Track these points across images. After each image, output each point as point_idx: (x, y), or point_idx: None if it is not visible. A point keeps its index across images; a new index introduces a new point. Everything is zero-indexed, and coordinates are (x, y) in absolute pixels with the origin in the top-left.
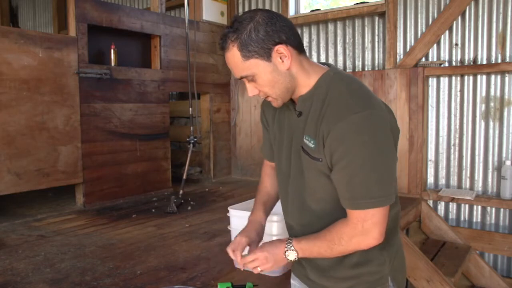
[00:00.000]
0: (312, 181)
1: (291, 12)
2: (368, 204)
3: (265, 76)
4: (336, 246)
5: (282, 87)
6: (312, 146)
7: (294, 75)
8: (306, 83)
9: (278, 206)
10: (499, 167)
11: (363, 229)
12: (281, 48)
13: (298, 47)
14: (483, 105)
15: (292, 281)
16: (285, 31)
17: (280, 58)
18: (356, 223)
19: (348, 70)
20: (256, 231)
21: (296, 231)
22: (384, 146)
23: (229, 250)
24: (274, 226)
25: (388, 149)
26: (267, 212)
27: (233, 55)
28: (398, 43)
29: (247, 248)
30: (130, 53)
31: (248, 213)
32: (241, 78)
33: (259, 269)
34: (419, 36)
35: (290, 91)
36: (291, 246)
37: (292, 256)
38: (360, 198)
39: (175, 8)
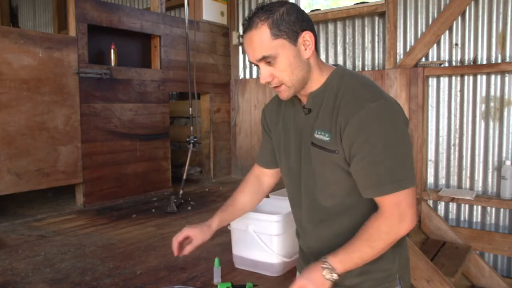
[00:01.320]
0: (324, 176)
1: None
2: (394, 187)
3: (287, 60)
4: (377, 242)
5: (299, 75)
6: (327, 139)
7: (311, 67)
8: (318, 78)
9: (279, 206)
10: (499, 167)
11: (399, 213)
12: (307, 35)
13: (316, 43)
14: (483, 105)
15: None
16: (310, 24)
17: (304, 45)
18: (392, 209)
19: None
20: (201, 230)
21: (311, 230)
22: (402, 133)
23: (174, 239)
24: (274, 226)
25: (405, 136)
26: (223, 219)
27: (261, 33)
28: (398, 43)
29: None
30: (130, 53)
31: (247, 213)
32: (261, 60)
33: None
34: (419, 36)
35: (304, 81)
36: (327, 265)
37: (329, 274)
38: (386, 183)
39: (175, 8)
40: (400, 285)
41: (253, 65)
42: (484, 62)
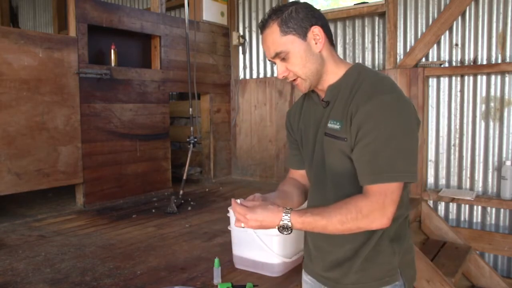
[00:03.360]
0: (331, 165)
1: None
2: (392, 177)
3: (298, 54)
4: (350, 221)
5: (312, 67)
6: (338, 127)
7: (325, 59)
8: (334, 71)
9: None
10: (499, 167)
11: (383, 204)
12: (316, 29)
13: (330, 38)
14: (483, 105)
15: (304, 277)
16: (321, 19)
17: (314, 39)
18: (378, 197)
19: None
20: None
21: None
22: (410, 128)
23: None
24: None
25: (413, 132)
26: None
27: (272, 31)
28: (398, 43)
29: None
30: (130, 53)
31: None
32: (275, 56)
33: (242, 224)
34: (419, 36)
35: (319, 73)
36: (287, 219)
37: (283, 226)
38: (385, 171)
39: (175, 9)
40: (402, 279)
41: (253, 65)
42: (484, 62)
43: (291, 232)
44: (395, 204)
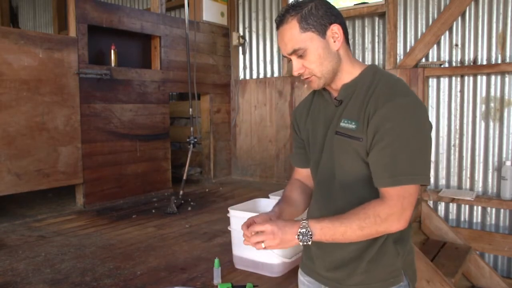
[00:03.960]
0: (342, 165)
1: None
2: (411, 180)
3: (316, 52)
4: (369, 225)
5: (329, 66)
6: (353, 127)
7: (341, 58)
8: (349, 70)
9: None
10: (499, 168)
11: (401, 207)
12: (335, 28)
13: (346, 36)
14: (483, 106)
15: (300, 278)
16: (340, 17)
17: (333, 37)
18: (396, 200)
19: None
20: (273, 216)
21: None
22: (426, 132)
23: (243, 225)
24: None
25: (428, 135)
26: (284, 214)
27: (291, 27)
28: (398, 44)
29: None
30: (130, 54)
31: (248, 214)
32: (292, 53)
33: (263, 245)
34: (419, 37)
35: (334, 72)
36: (306, 227)
37: (302, 236)
38: (404, 174)
39: (175, 9)
40: (406, 280)
41: (253, 65)
42: (484, 62)
43: (311, 239)
44: (412, 206)
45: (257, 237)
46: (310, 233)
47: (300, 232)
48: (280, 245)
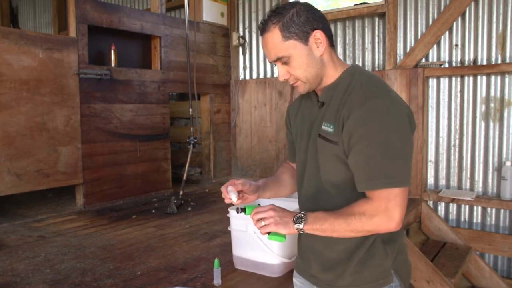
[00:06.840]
0: (326, 168)
1: None
2: (386, 183)
3: (300, 58)
4: (355, 221)
5: (313, 71)
6: (331, 130)
7: (325, 63)
8: (332, 73)
9: (280, 202)
10: (499, 168)
11: (386, 209)
12: (318, 34)
13: (330, 39)
14: (483, 106)
15: (294, 280)
16: (322, 21)
17: (316, 43)
18: (380, 202)
19: None
20: (255, 185)
21: None
22: (403, 133)
23: (223, 186)
24: None
25: (406, 137)
26: (269, 188)
27: (273, 35)
28: (398, 44)
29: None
30: (130, 54)
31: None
32: (276, 60)
33: (263, 223)
34: (419, 37)
35: (319, 77)
36: (303, 213)
37: (298, 221)
38: (378, 177)
39: (175, 9)
40: (397, 280)
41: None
42: (484, 62)
43: (303, 221)
44: (400, 207)
45: (260, 215)
46: (304, 217)
47: (296, 216)
48: (280, 224)
